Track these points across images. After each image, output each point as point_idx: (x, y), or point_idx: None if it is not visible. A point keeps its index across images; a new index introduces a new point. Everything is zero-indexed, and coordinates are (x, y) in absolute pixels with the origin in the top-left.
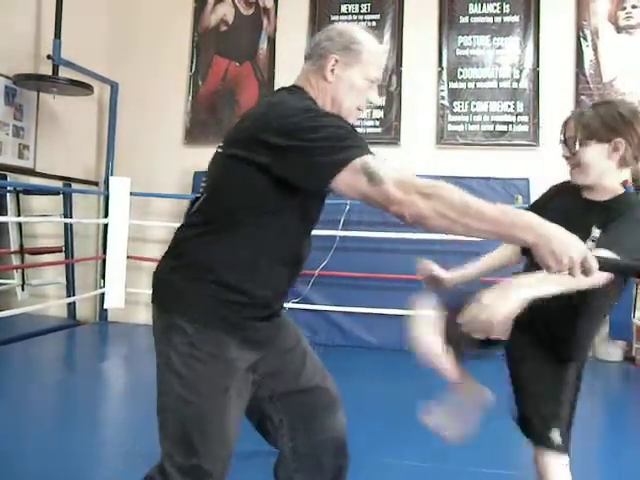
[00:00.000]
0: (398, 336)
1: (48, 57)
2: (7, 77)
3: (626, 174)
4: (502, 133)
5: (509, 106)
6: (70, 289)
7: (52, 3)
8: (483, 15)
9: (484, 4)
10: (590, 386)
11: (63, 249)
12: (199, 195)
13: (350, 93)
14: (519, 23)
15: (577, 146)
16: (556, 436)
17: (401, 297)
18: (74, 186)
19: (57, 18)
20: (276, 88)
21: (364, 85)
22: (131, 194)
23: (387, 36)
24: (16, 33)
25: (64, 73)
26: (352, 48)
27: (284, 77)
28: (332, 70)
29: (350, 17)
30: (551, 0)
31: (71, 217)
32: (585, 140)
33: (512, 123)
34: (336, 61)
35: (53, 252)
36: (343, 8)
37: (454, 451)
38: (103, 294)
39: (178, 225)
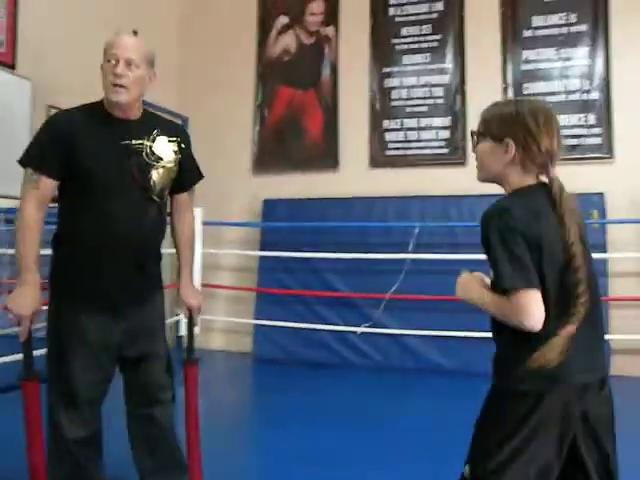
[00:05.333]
0: (471, 359)
1: None
2: None
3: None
4: (573, 147)
5: (580, 119)
6: None
7: None
8: (548, 27)
9: (548, 15)
10: None
11: None
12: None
13: (103, 80)
14: (587, 32)
15: (476, 141)
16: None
17: (473, 319)
18: None
19: None
20: (340, 113)
21: (107, 67)
22: (203, 223)
23: (449, 56)
24: (95, 77)
25: None
26: (103, 49)
27: (348, 102)
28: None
29: (411, 39)
30: (621, 4)
31: None
32: (481, 136)
33: (584, 136)
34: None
35: None
36: (404, 31)
37: None
38: (178, 321)
39: (250, 252)
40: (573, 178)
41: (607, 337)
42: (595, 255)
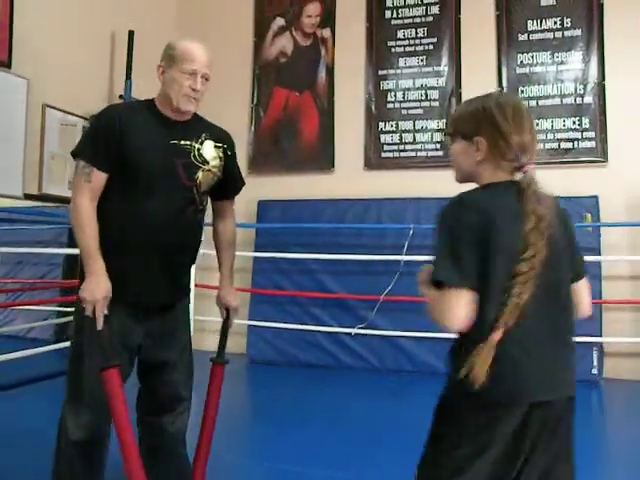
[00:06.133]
0: None
1: (120, 97)
2: (84, 118)
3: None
4: (567, 150)
5: (574, 122)
6: None
7: (124, 47)
8: (542, 31)
9: (543, 20)
10: None
11: None
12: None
13: (173, 86)
14: (581, 37)
15: (449, 142)
16: None
17: None
18: None
19: (128, 60)
20: (336, 115)
21: (181, 77)
22: None
23: (445, 59)
24: (91, 76)
25: None
26: (169, 54)
27: (343, 104)
28: (161, 76)
29: (407, 42)
30: (615, 9)
31: None
32: (452, 136)
33: (578, 140)
34: (160, 68)
35: None
36: (399, 34)
37: None
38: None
39: (245, 253)
40: (567, 181)
41: (600, 340)
42: (589, 258)
